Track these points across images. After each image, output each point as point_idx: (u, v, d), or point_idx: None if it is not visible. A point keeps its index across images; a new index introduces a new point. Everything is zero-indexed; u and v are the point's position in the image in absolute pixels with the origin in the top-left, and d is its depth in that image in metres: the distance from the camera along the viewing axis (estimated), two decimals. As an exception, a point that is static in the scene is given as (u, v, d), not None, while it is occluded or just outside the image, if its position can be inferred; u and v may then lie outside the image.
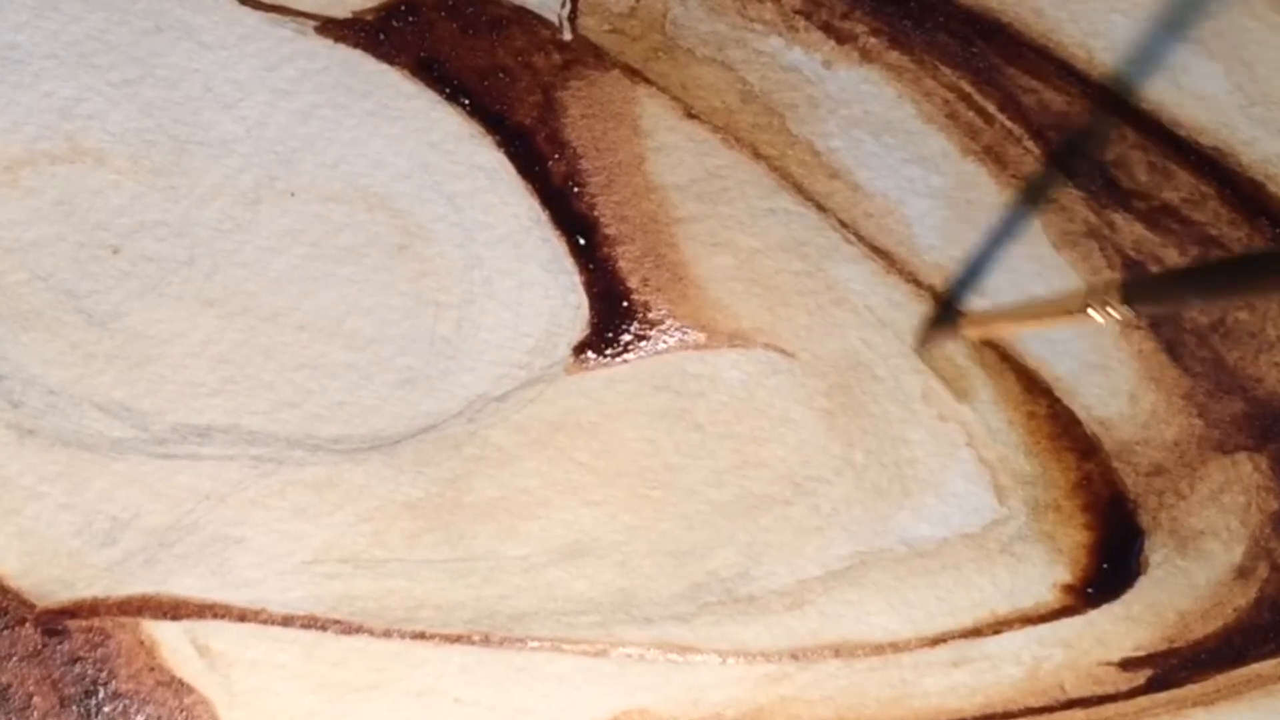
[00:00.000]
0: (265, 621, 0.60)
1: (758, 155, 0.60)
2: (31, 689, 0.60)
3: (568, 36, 0.60)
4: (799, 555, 0.61)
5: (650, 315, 0.60)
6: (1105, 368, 0.60)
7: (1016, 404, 0.60)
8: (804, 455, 0.60)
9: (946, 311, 0.59)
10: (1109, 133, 0.59)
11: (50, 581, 0.60)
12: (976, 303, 0.60)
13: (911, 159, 0.60)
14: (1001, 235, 0.60)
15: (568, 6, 0.60)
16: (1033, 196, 0.60)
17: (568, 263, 0.60)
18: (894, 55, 0.60)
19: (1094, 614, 0.60)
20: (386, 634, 0.60)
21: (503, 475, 0.60)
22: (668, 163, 0.60)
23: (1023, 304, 0.59)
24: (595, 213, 0.60)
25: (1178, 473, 0.60)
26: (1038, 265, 0.60)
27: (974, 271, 0.60)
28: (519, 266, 0.60)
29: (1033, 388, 0.60)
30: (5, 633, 0.60)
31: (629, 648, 0.61)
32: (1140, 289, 0.45)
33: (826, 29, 0.60)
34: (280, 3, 0.60)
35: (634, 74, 0.60)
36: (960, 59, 0.60)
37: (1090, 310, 0.46)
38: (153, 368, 0.60)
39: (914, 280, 0.60)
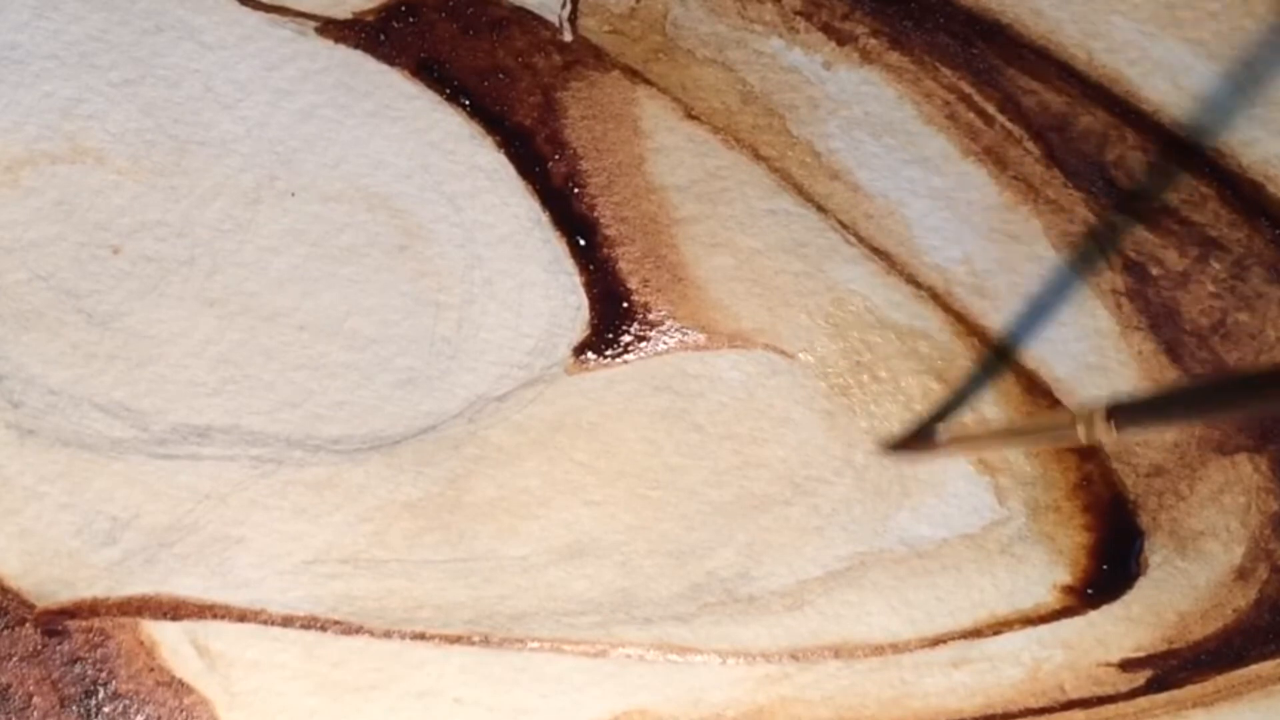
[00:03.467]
0: (265, 622, 0.60)
1: (758, 156, 0.60)
2: (31, 689, 0.60)
3: (568, 37, 0.60)
4: (799, 555, 0.61)
5: (650, 316, 0.60)
6: (1105, 369, 0.60)
7: (1016, 405, 0.60)
8: (804, 455, 0.60)
9: (928, 426, 0.59)
10: (1109, 133, 0.59)
11: (50, 581, 0.60)
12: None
13: (912, 160, 0.60)
14: (1002, 236, 0.60)
15: (568, 7, 0.60)
16: (1033, 197, 0.60)
17: (568, 263, 0.60)
18: (894, 56, 0.60)
19: (1094, 615, 0.60)
20: (386, 634, 0.60)
21: (503, 475, 0.60)
22: (668, 163, 0.60)
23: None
24: (595, 213, 0.60)
25: (1178, 474, 0.60)
26: (1038, 265, 0.60)
27: (974, 273, 0.60)
28: (519, 267, 0.60)
29: (1033, 388, 0.60)
30: (5, 633, 0.60)
31: (629, 648, 0.61)
32: (1128, 411, 0.45)
33: (827, 30, 0.60)
34: (281, 3, 0.60)
35: (634, 75, 0.60)
36: (960, 60, 0.60)
37: (1079, 431, 0.46)
38: (153, 368, 0.60)
39: (914, 281, 0.60)
